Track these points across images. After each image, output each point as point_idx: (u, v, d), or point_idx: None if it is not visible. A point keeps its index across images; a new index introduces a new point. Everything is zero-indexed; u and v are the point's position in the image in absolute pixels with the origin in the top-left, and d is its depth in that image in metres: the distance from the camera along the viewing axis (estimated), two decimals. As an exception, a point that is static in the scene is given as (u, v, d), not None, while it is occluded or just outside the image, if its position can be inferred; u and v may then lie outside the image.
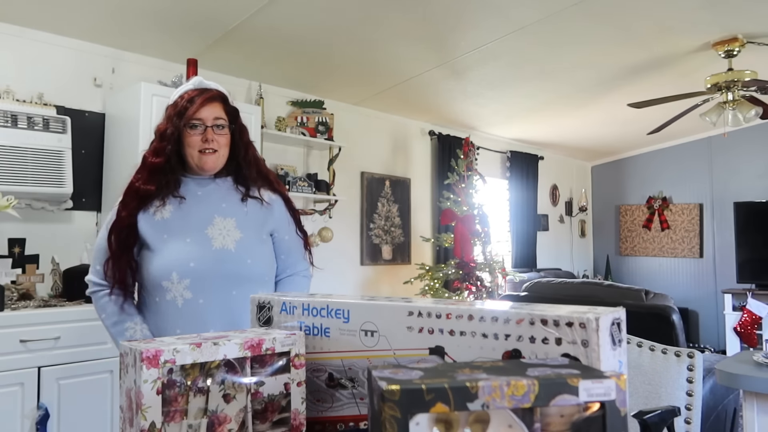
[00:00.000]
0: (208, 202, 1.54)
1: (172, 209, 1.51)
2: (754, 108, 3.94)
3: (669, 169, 6.90)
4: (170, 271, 1.46)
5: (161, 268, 1.46)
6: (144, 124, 2.90)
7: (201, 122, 1.50)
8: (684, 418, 1.21)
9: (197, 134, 1.50)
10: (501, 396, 0.53)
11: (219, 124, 1.52)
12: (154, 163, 1.50)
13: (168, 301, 1.47)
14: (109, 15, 2.95)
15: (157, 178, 1.50)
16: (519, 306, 0.73)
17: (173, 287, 1.46)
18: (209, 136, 1.50)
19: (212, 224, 1.51)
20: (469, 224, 4.48)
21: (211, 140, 1.50)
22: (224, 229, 1.51)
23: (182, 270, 1.46)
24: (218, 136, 1.52)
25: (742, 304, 5.41)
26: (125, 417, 0.76)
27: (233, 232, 1.51)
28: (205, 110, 1.50)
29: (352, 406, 0.85)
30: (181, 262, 1.46)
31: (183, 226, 1.50)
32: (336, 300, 0.88)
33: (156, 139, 1.53)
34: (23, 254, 2.86)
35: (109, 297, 1.53)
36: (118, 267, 1.49)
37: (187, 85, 1.57)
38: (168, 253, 1.47)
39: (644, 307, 3.57)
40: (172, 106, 1.54)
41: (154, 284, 1.48)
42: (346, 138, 4.43)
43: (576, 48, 3.82)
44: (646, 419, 0.80)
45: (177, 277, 1.46)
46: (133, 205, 1.49)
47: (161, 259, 1.47)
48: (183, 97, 1.53)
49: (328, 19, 3.17)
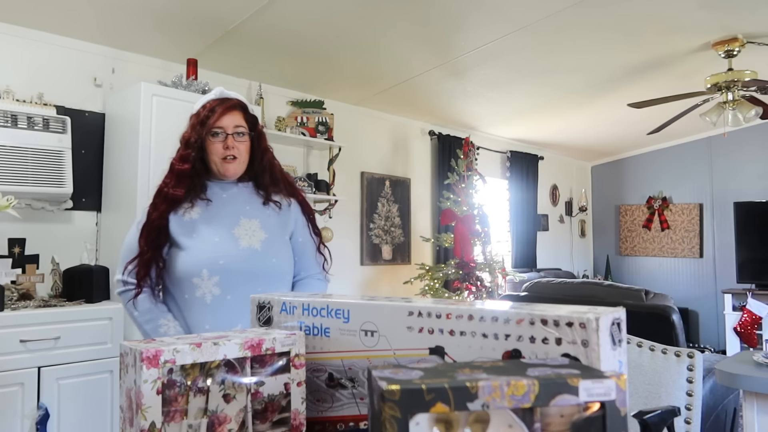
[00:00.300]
0: (233, 204, 1.62)
1: (200, 211, 1.60)
2: (754, 108, 3.94)
3: (669, 169, 6.90)
4: (201, 268, 1.53)
5: (192, 265, 1.53)
6: (144, 124, 2.90)
7: (222, 130, 1.58)
8: (684, 418, 1.21)
9: (219, 142, 1.59)
10: (501, 396, 0.53)
11: (239, 131, 1.60)
12: (181, 169, 1.59)
13: (197, 298, 1.54)
14: (109, 15, 2.95)
15: (185, 182, 1.59)
16: (519, 306, 0.73)
17: (203, 284, 1.53)
18: (230, 143, 1.58)
19: (238, 225, 1.59)
20: (469, 224, 4.48)
21: (231, 147, 1.59)
22: (250, 230, 1.59)
23: (212, 267, 1.53)
24: (238, 143, 1.60)
25: (742, 304, 5.41)
26: (125, 417, 0.76)
27: (258, 232, 1.60)
28: (225, 119, 1.59)
29: (352, 406, 0.85)
30: (211, 259, 1.53)
31: (211, 226, 1.58)
32: (336, 300, 0.88)
33: (181, 147, 1.63)
34: (23, 254, 2.86)
35: (141, 296, 1.58)
36: (149, 265, 1.56)
37: (209, 95, 1.66)
38: (198, 251, 1.54)
39: (644, 307, 3.57)
40: (195, 115, 1.62)
41: (185, 281, 1.55)
42: (346, 138, 4.43)
43: (576, 48, 3.82)
44: (646, 419, 0.80)
45: (207, 274, 1.53)
46: (164, 208, 1.57)
47: (192, 256, 1.54)
48: (205, 107, 1.61)
49: (328, 19, 3.17)
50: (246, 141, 1.62)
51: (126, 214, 2.94)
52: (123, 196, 2.99)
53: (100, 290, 2.84)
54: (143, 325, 1.57)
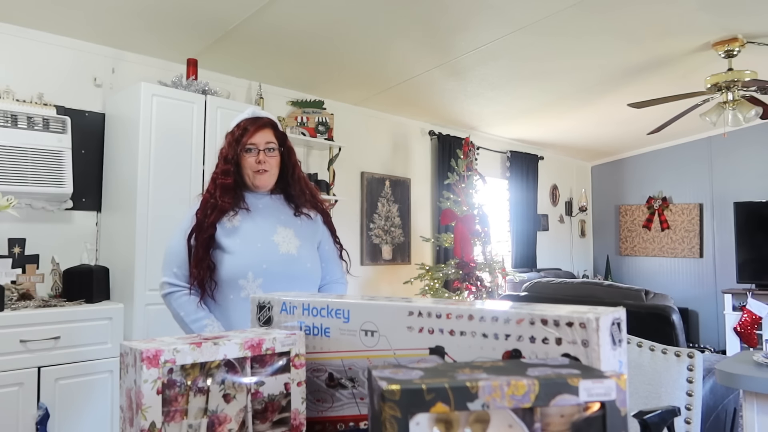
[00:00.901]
0: (269, 213, 1.78)
1: (241, 219, 1.74)
2: (754, 108, 3.94)
3: (669, 169, 6.90)
4: (247, 270, 1.66)
5: (239, 268, 1.67)
6: (144, 124, 2.90)
7: (255, 146, 1.74)
8: (684, 418, 1.21)
9: (252, 157, 1.74)
10: (501, 396, 0.53)
11: (270, 147, 1.76)
12: (224, 182, 1.74)
13: (242, 298, 1.66)
14: (109, 15, 2.95)
15: (229, 194, 1.74)
16: (519, 306, 0.73)
17: (248, 285, 1.66)
18: (261, 158, 1.74)
19: (276, 233, 1.74)
20: (469, 224, 4.48)
21: (263, 161, 1.74)
22: (286, 237, 1.74)
23: (257, 270, 1.67)
24: (269, 158, 1.76)
25: (742, 304, 5.41)
26: (125, 417, 0.76)
27: (293, 239, 1.75)
28: (257, 136, 1.75)
29: (352, 406, 0.85)
30: (256, 263, 1.67)
31: (253, 233, 1.72)
32: (336, 300, 0.88)
33: (221, 162, 1.78)
34: (23, 254, 2.86)
35: (188, 297, 1.69)
36: (200, 267, 1.67)
37: (243, 114, 1.81)
38: (244, 255, 1.68)
39: (644, 307, 3.56)
40: (231, 134, 1.78)
41: (231, 282, 1.67)
42: (346, 138, 4.43)
43: (576, 48, 3.82)
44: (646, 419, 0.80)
45: (252, 276, 1.66)
46: (214, 217, 1.70)
47: (238, 259, 1.67)
48: (239, 125, 1.77)
49: (328, 19, 3.17)
50: (276, 156, 1.77)
51: (126, 214, 2.94)
52: (123, 196, 2.99)
53: (100, 290, 2.85)
54: (190, 324, 1.67)
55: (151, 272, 2.83)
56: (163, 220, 2.90)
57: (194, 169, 3.07)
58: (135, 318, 2.80)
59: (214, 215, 1.70)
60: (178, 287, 1.71)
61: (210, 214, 1.71)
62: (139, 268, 2.82)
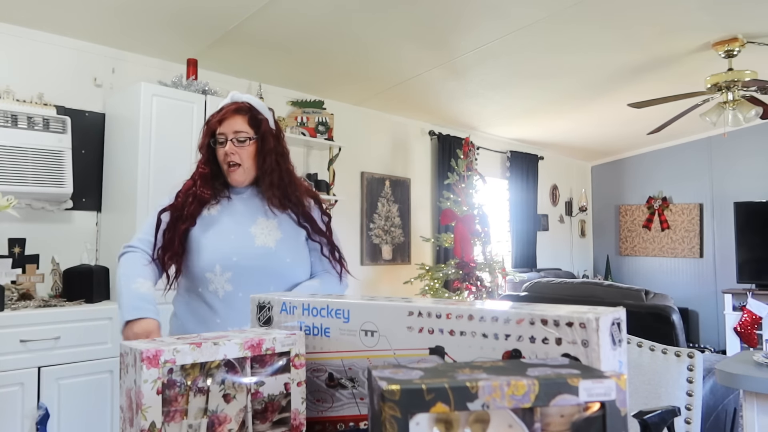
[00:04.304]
0: (252, 203, 1.63)
1: (220, 208, 1.61)
2: (754, 108, 3.94)
3: (669, 169, 6.90)
4: (214, 263, 1.54)
5: (206, 260, 1.55)
6: (144, 124, 2.90)
7: (224, 136, 1.58)
8: (684, 418, 1.21)
9: (222, 148, 1.59)
10: (501, 396, 0.53)
11: (240, 138, 1.58)
12: (203, 172, 1.62)
13: (210, 292, 1.55)
14: (109, 15, 2.95)
15: (208, 183, 1.61)
16: (519, 306, 0.73)
17: (216, 279, 1.54)
18: (228, 148, 1.57)
19: (255, 223, 1.59)
20: (469, 224, 4.48)
21: (231, 153, 1.57)
22: (266, 229, 1.59)
23: (225, 263, 1.54)
24: (240, 149, 1.58)
25: (742, 304, 5.41)
26: (125, 417, 0.76)
27: (275, 231, 1.59)
28: (225, 125, 1.58)
29: (352, 406, 0.85)
30: (225, 255, 1.54)
31: (229, 223, 1.59)
32: (336, 300, 0.88)
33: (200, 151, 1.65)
34: (23, 254, 2.86)
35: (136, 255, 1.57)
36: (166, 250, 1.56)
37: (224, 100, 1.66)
38: (213, 247, 1.55)
39: (644, 307, 3.56)
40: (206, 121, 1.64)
41: (199, 275, 1.56)
42: (346, 138, 4.43)
43: (576, 48, 3.82)
44: (646, 419, 0.80)
45: (220, 270, 1.54)
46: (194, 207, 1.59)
47: (206, 251, 1.55)
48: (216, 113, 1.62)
49: (328, 19, 3.17)
50: (249, 146, 1.59)
51: (126, 214, 2.94)
52: (123, 196, 2.99)
53: (100, 290, 2.85)
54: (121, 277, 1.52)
55: (151, 272, 2.83)
56: (163, 220, 2.90)
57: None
58: (135, 318, 2.79)
59: (194, 206, 1.58)
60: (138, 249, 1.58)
61: (191, 202, 1.59)
62: (139, 268, 2.82)
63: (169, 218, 1.59)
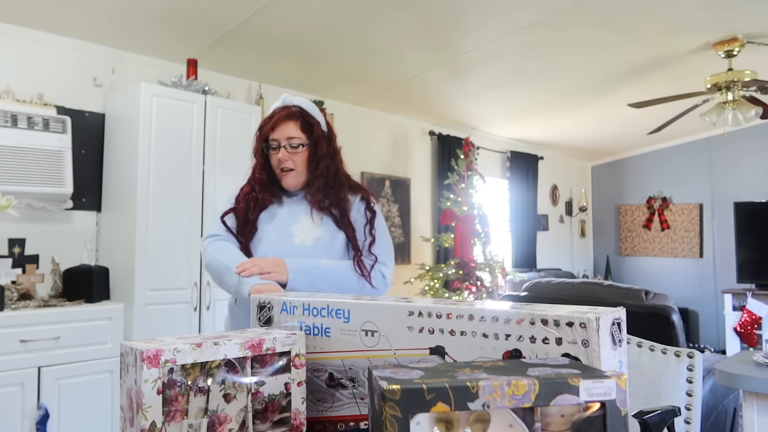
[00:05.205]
0: (301, 203, 1.64)
1: (275, 208, 1.64)
2: (754, 108, 3.94)
3: (669, 169, 6.90)
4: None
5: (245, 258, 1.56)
6: (144, 124, 2.90)
7: (276, 142, 1.60)
8: (684, 418, 1.21)
9: (275, 154, 1.60)
10: (501, 396, 0.53)
11: (293, 143, 1.59)
12: (260, 178, 1.63)
13: None
14: (109, 15, 2.95)
15: (267, 188, 1.63)
16: (519, 306, 0.73)
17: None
18: (281, 155, 1.58)
19: (298, 222, 1.61)
20: (469, 224, 4.48)
21: (284, 160, 1.59)
22: (307, 227, 1.60)
23: None
24: (293, 155, 1.59)
25: (742, 304, 5.41)
26: (126, 417, 0.76)
27: (315, 230, 1.60)
28: (278, 131, 1.59)
29: (353, 406, 0.85)
30: (263, 253, 1.57)
31: (273, 222, 1.61)
32: (336, 300, 0.88)
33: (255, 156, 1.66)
34: (23, 254, 2.86)
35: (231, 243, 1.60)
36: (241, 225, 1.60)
37: (276, 102, 1.66)
38: (254, 245, 1.59)
39: (644, 307, 3.56)
40: (259, 126, 1.65)
41: None
42: (346, 138, 4.42)
43: (576, 48, 3.82)
44: (646, 419, 0.80)
45: None
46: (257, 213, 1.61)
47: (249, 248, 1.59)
48: (268, 116, 1.63)
49: (328, 19, 3.17)
50: (302, 151, 1.60)
51: (126, 213, 2.94)
52: (123, 196, 2.99)
53: (100, 290, 2.85)
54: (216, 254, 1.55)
55: (151, 272, 2.83)
56: (163, 220, 2.91)
57: (194, 169, 3.07)
58: (135, 318, 2.80)
59: (257, 211, 1.61)
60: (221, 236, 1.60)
61: (253, 208, 1.61)
62: (139, 268, 2.82)
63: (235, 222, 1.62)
